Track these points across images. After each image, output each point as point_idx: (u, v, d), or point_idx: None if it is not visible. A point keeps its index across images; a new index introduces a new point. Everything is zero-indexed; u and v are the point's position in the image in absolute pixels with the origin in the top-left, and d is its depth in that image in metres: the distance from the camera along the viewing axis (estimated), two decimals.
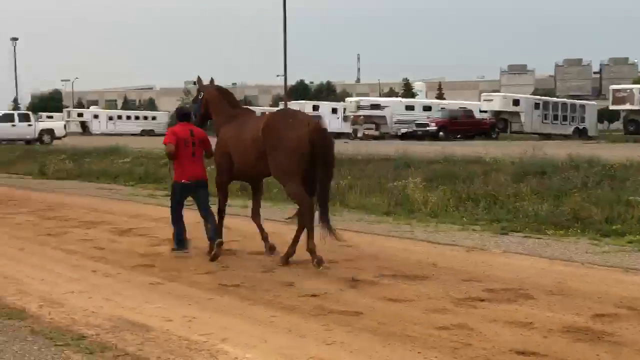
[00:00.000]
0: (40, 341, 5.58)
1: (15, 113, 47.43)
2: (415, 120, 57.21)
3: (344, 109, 67.67)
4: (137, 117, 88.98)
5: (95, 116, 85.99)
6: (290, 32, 59.38)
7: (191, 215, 9.71)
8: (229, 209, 9.76)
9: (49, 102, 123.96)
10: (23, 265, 8.72)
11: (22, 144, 41.69)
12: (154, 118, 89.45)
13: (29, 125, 43.90)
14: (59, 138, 44.70)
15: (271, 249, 9.31)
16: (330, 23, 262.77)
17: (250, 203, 10.18)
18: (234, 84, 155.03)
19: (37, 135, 43.63)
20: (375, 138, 55.13)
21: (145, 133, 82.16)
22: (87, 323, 6.11)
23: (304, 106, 69.45)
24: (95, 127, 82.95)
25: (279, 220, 11.03)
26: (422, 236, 10.80)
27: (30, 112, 51.18)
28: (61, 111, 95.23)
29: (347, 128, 65.16)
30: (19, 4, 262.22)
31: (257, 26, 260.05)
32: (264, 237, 9.48)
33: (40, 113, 77.92)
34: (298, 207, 8.76)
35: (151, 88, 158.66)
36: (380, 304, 6.80)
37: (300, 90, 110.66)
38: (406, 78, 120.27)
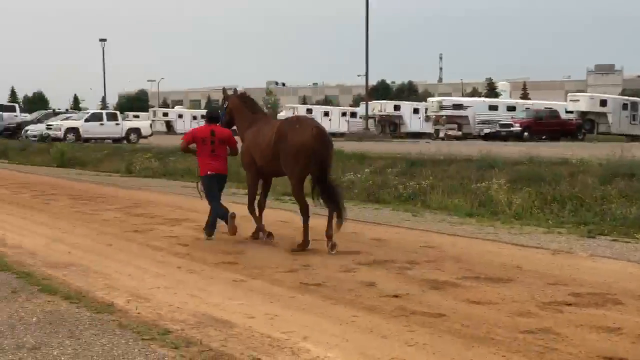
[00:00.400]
0: (128, 335, 5.71)
1: (104, 112, 48.72)
2: (498, 120, 56.36)
3: (426, 109, 67.28)
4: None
5: (180, 116, 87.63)
6: (372, 31, 59.24)
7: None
8: (309, 203, 9.80)
9: (135, 102, 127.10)
10: (111, 260, 8.94)
11: (110, 142, 42.82)
12: None
13: (117, 124, 45.05)
14: (145, 137, 45.74)
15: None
16: (412, 22, 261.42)
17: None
18: (314, 83, 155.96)
19: (124, 134, 44.73)
20: (457, 138, 54.60)
21: None
22: (173, 318, 6.23)
23: (385, 106, 69.36)
24: (180, 126, 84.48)
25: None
26: (506, 238, 10.63)
27: (117, 112, 52.51)
28: (147, 111, 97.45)
29: (428, 128, 64.82)
30: (107, 6, 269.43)
31: (338, 26, 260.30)
32: (260, 226, 10.56)
33: (127, 112, 79.77)
34: (326, 199, 9.83)
35: (234, 88, 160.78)
36: (463, 306, 6.72)
37: (381, 90, 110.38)
38: (489, 78, 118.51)
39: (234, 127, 11.24)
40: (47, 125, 44.09)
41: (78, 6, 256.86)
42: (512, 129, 51.89)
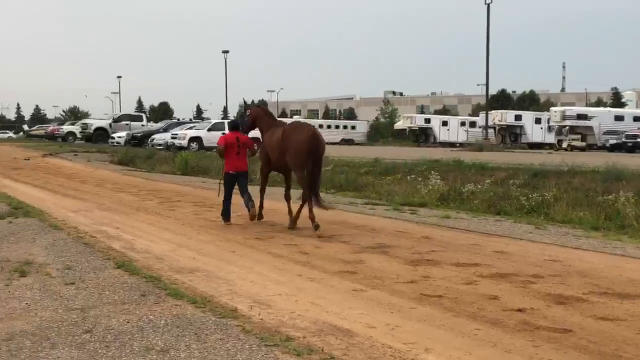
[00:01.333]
0: (252, 340, 5.81)
1: (225, 122, 49.85)
2: (624, 131, 54.33)
3: (548, 119, 65.65)
4: (337, 127, 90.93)
5: None
6: (492, 39, 58.40)
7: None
8: (429, 214, 9.72)
9: None
10: (234, 266, 9.13)
11: None
12: (353, 127, 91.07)
13: None
14: None
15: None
16: (534, 30, 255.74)
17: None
18: (433, 93, 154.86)
19: None
20: (581, 149, 52.98)
21: (344, 142, 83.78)
22: (294, 325, 6.30)
23: (506, 115, 68.10)
24: None
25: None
26: (634, 253, 10.22)
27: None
28: None
29: (551, 138, 63.23)
30: (229, 19, 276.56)
31: (457, 34, 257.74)
32: (290, 212, 12.96)
33: None
34: (301, 184, 12.57)
35: (351, 98, 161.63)
36: (590, 322, 6.50)
37: (501, 100, 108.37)
38: (615, 87, 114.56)
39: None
40: (172, 134, 45.51)
41: (202, 20, 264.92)
42: (639, 140, 49.88)
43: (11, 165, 32.20)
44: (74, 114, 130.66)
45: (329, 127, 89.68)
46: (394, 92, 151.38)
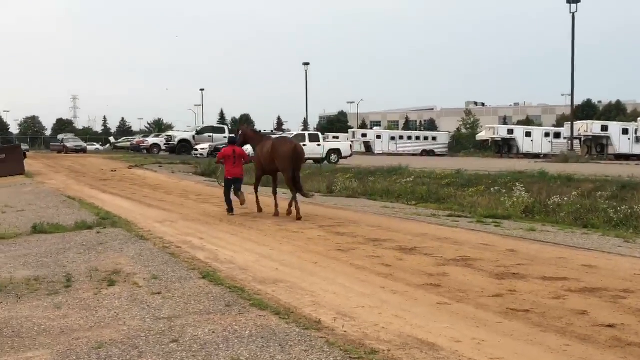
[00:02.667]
0: (336, 353, 5.79)
1: (306, 133, 50.18)
2: None
3: (636, 130, 63.83)
4: (417, 138, 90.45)
5: (378, 136, 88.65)
6: (577, 47, 57.22)
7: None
8: (514, 227, 9.52)
9: (335, 123, 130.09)
10: (316, 278, 9.14)
11: (311, 162, 44.01)
12: (434, 138, 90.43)
13: (318, 145, 46.21)
14: (345, 157, 46.61)
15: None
16: (620, 38, 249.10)
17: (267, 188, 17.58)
18: (515, 103, 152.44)
19: (325, 155, 45.82)
20: None
21: (425, 153, 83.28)
22: (378, 338, 6.25)
23: (592, 126, 66.53)
24: (378, 147, 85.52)
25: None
26: None
27: (319, 133, 53.91)
28: (346, 132, 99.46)
29: (639, 149, 61.47)
30: (310, 30, 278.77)
31: (541, 43, 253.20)
32: (276, 204, 16.97)
33: (327, 134, 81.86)
34: (287, 185, 16.75)
35: (432, 109, 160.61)
36: None
37: (586, 110, 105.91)
38: None
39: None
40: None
41: (283, 31, 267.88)
42: None
43: (99, 177, 33.11)
44: (158, 127, 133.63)
45: (409, 138, 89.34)
46: (475, 103, 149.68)
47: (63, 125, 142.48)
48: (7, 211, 18.40)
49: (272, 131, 65.59)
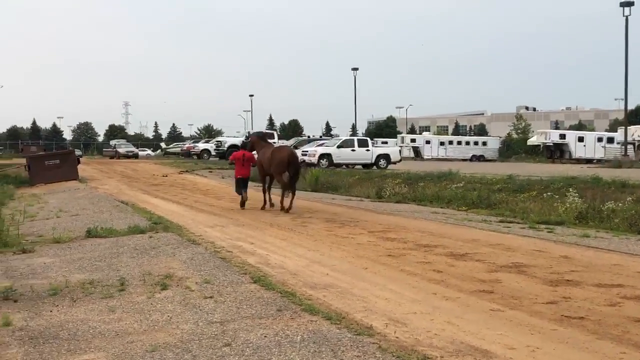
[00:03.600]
0: (388, 358, 5.76)
1: (355, 139, 50.16)
2: None
3: None
4: (467, 143, 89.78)
5: (427, 142, 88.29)
6: (630, 50, 56.21)
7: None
8: (567, 233, 9.36)
9: (384, 128, 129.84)
10: (367, 283, 9.11)
11: (360, 167, 43.99)
12: (484, 143, 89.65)
13: (367, 150, 46.15)
14: (394, 163, 46.49)
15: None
16: None
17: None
18: (567, 108, 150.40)
19: (373, 160, 45.75)
20: None
21: (475, 158, 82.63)
22: (431, 344, 6.21)
23: None
24: (427, 152, 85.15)
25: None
26: None
27: (368, 138, 53.84)
28: (395, 137, 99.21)
29: None
30: (359, 35, 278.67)
31: (593, 46, 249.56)
32: (271, 201, 19.95)
33: (375, 139, 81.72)
34: (281, 186, 19.27)
35: (482, 113, 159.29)
36: None
37: None
38: None
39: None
40: (303, 151, 46.14)
41: (331, 37, 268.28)
42: None
43: (150, 182, 33.51)
44: (208, 132, 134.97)
45: (459, 143, 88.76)
46: (526, 107, 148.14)
47: (115, 131, 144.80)
48: (62, 215, 18.73)
49: (320, 136, 65.66)
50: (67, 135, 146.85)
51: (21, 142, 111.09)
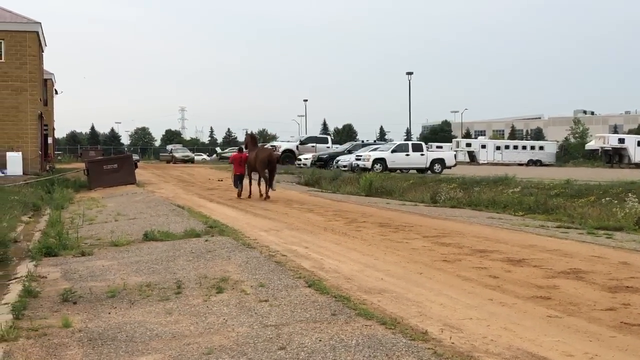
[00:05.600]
0: None
1: (409, 143, 49.91)
2: None
3: None
4: (524, 147, 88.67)
5: (483, 146, 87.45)
6: None
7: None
8: (627, 238, 9.15)
9: (439, 133, 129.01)
10: (422, 288, 9.06)
11: (415, 172, 43.77)
12: (541, 148, 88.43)
13: (422, 155, 45.90)
14: (449, 167, 46.13)
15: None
16: None
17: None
18: (626, 112, 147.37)
19: (428, 165, 45.47)
20: None
21: (532, 163, 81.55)
22: (487, 350, 6.14)
23: None
24: (483, 156, 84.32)
25: None
26: None
27: (422, 143, 53.54)
28: (450, 141, 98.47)
29: None
30: (413, 40, 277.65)
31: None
32: (260, 191, 25.19)
33: (430, 143, 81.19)
34: (263, 179, 24.84)
35: (539, 117, 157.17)
36: None
37: None
38: None
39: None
40: (357, 156, 46.09)
41: (385, 41, 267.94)
42: None
43: (206, 186, 33.86)
44: (263, 137, 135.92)
45: (515, 147, 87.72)
46: (584, 111, 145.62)
47: (171, 136, 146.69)
48: (120, 219, 19.05)
49: (374, 141, 65.52)
50: (125, 140, 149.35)
51: (80, 147, 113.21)
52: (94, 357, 6.37)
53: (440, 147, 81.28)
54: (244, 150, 26.45)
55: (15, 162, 38.77)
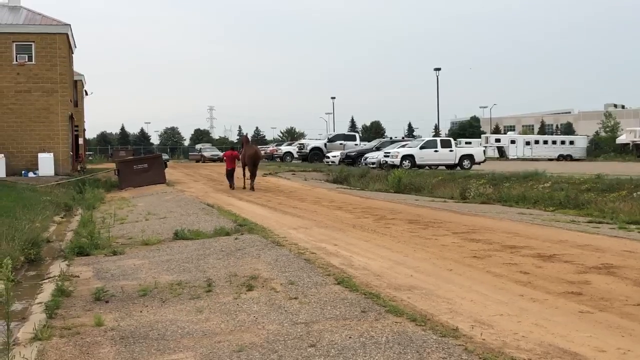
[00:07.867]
0: None
1: (438, 139, 49.62)
2: None
3: None
4: (554, 142, 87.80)
5: (512, 141, 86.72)
6: None
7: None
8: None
9: (467, 129, 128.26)
10: (452, 285, 9.03)
11: (444, 168, 43.56)
12: (571, 142, 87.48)
13: (450, 151, 45.62)
14: (478, 163, 45.82)
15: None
16: None
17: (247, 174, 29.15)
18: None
19: (457, 161, 45.21)
20: None
21: (562, 158, 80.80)
22: (518, 347, 6.11)
23: None
24: (512, 152, 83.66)
25: None
26: None
27: (451, 139, 53.25)
28: (479, 137, 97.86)
29: None
30: (441, 35, 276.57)
31: None
32: (249, 183, 30.11)
33: (459, 139, 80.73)
34: (250, 173, 30.12)
35: (569, 112, 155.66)
36: None
37: None
38: None
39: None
40: (385, 152, 45.95)
41: (413, 38, 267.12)
42: None
43: (235, 185, 33.99)
44: (291, 135, 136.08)
45: (545, 142, 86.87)
46: (615, 105, 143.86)
47: (200, 135, 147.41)
48: (150, 218, 19.20)
49: (402, 137, 65.30)
50: (155, 139, 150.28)
51: (111, 147, 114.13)
52: (127, 355, 6.43)
53: (469, 142, 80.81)
54: (239, 148, 32.41)
55: (47, 163, 39.17)
